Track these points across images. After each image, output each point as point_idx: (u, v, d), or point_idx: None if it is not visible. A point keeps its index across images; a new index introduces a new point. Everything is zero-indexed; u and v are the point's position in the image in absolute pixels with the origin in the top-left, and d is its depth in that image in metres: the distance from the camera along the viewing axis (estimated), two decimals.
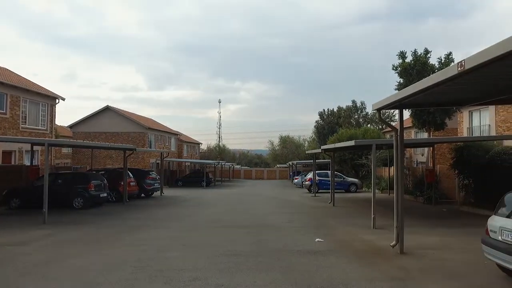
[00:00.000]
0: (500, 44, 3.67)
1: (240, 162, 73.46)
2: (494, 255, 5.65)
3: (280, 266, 6.66)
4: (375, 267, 6.58)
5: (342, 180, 25.99)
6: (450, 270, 6.33)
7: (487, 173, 13.93)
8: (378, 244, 8.41)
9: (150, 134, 37.85)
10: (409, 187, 21.15)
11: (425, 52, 20.95)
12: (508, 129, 20.54)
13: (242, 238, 9.36)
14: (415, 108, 15.74)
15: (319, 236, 9.37)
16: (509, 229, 5.35)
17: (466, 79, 5.12)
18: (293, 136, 63.34)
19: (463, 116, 24.50)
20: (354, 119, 46.66)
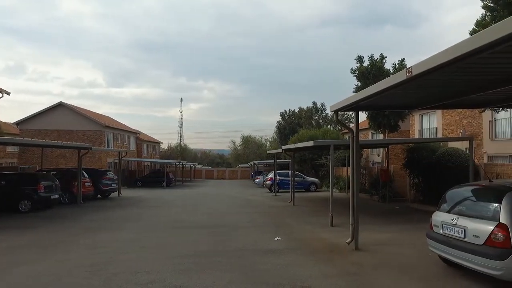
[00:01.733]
0: (442, 54, 3.95)
1: (202, 162, 72.70)
2: (436, 248, 6.07)
3: (239, 265, 6.69)
4: (331, 263, 6.81)
5: (302, 180, 26.55)
6: (399, 264, 6.71)
7: (434, 172, 14.89)
8: (334, 241, 8.70)
9: (108, 132, 36.34)
10: (365, 186, 22.09)
11: (381, 58, 21.93)
12: (452, 132, 22.11)
13: (202, 239, 9.29)
14: (370, 110, 16.45)
15: (279, 235, 9.52)
16: (449, 223, 5.76)
17: (414, 84, 5.45)
18: (255, 136, 63.80)
19: (415, 119, 26.00)
20: (314, 120, 47.86)
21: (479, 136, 20.06)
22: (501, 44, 3.27)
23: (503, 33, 3.08)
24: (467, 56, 3.65)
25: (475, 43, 3.43)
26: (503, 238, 4.89)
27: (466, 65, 4.58)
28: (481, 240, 5.15)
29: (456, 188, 6.45)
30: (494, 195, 5.50)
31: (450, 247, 5.70)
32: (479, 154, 19.78)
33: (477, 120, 20.22)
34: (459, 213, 5.84)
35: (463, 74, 5.34)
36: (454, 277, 5.86)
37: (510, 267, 4.79)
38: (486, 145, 19.64)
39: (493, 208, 5.32)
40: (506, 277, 4.91)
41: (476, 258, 5.18)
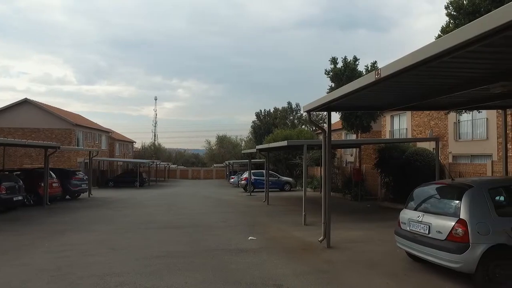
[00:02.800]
0: (407, 57, 4.11)
1: (177, 162, 71.66)
2: (403, 244, 6.30)
3: (212, 265, 6.66)
4: (303, 261, 6.91)
5: (277, 179, 26.75)
6: (369, 260, 6.89)
7: (403, 171, 15.40)
8: (307, 240, 8.83)
9: (78, 131, 35.13)
10: (338, 185, 22.54)
11: (354, 60, 22.46)
12: (421, 133, 22.96)
13: (175, 239, 9.17)
14: (342, 111, 16.80)
15: (252, 234, 9.55)
16: (415, 220, 5.99)
17: (383, 86, 5.63)
18: (230, 136, 63.53)
19: (386, 120, 26.81)
20: (289, 120, 48.31)
21: (445, 137, 20.94)
22: (459, 50, 3.44)
23: (459, 40, 3.24)
24: (429, 60, 3.81)
25: (436, 48, 3.59)
26: (462, 233, 5.14)
27: (430, 68, 4.77)
28: (443, 235, 5.39)
29: (422, 187, 6.72)
30: (456, 192, 5.77)
31: (416, 243, 5.92)
32: (445, 154, 20.65)
33: (443, 122, 21.10)
34: (424, 210, 6.09)
35: (428, 77, 5.57)
36: (419, 272, 6.10)
37: (468, 260, 5.06)
38: (451, 145, 20.54)
39: (454, 205, 5.58)
40: (464, 269, 5.18)
41: (438, 253, 5.42)
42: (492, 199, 5.49)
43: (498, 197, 5.82)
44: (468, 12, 10.45)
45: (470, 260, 5.06)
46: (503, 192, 5.93)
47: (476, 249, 5.04)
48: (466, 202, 5.37)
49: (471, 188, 5.59)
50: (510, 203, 5.90)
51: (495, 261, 5.07)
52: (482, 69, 5.05)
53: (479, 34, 3.07)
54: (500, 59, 4.50)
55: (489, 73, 5.27)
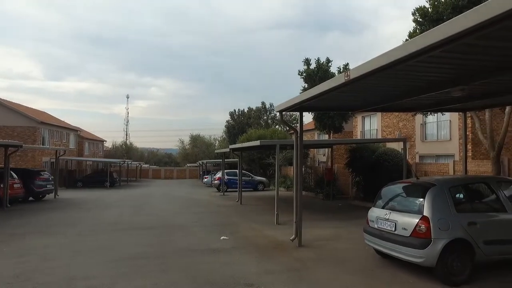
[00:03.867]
0: (375, 60, 4.24)
1: (149, 161, 70.22)
2: (372, 241, 6.50)
3: (183, 266, 6.59)
4: (275, 260, 6.97)
5: (250, 179, 26.80)
6: (339, 257, 7.07)
7: (373, 171, 15.86)
8: (279, 239, 8.91)
9: (44, 129, 33.61)
10: (311, 185, 22.89)
11: (327, 61, 22.85)
12: (390, 134, 23.74)
13: (145, 240, 8.99)
14: (313, 111, 17.07)
15: (225, 234, 9.53)
16: (383, 218, 6.20)
17: (353, 87, 5.78)
18: (204, 136, 63.01)
19: (358, 121, 27.50)
20: (263, 120, 48.53)
21: (412, 137, 21.77)
22: (422, 55, 3.59)
23: (422, 45, 3.39)
24: (395, 63, 3.95)
25: (400, 52, 3.73)
26: (425, 229, 5.38)
27: (396, 71, 4.95)
28: (408, 232, 5.61)
29: (389, 186, 6.95)
30: (420, 191, 6.02)
31: (383, 240, 6.13)
32: (412, 154, 21.46)
33: (411, 123, 21.92)
34: (391, 208, 6.32)
35: (395, 79, 5.77)
36: (386, 267, 6.31)
37: (430, 255, 5.31)
38: (418, 146, 21.38)
39: (418, 203, 5.83)
40: (426, 263, 5.43)
41: (404, 249, 5.64)
42: (452, 197, 5.78)
43: (457, 194, 6.13)
44: (432, 19, 10.89)
45: (431, 254, 5.30)
46: (462, 190, 6.27)
47: (437, 244, 5.29)
48: (429, 200, 5.62)
49: (434, 186, 5.85)
50: (468, 200, 6.23)
51: (453, 255, 5.35)
52: (444, 73, 5.29)
53: (439, 41, 3.22)
54: (459, 64, 4.74)
55: (450, 77, 5.53)
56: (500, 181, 6.57)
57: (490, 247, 5.55)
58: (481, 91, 7.02)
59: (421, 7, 11.63)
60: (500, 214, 5.83)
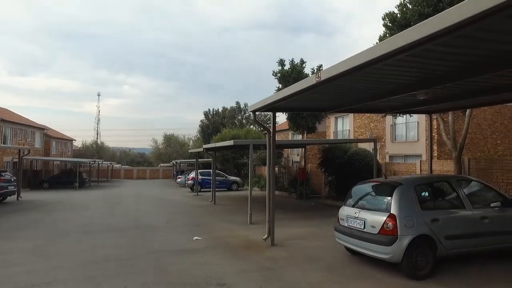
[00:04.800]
0: (344, 62, 4.37)
1: (121, 161, 68.57)
2: (342, 239, 6.68)
3: (154, 267, 6.50)
4: (248, 259, 7.01)
5: (224, 179, 26.74)
6: (310, 255, 7.19)
7: (345, 170, 16.24)
8: (252, 238, 8.96)
9: (6, 127, 31.97)
10: (285, 184, 23.12)
11: (301, 62, 23.14)
12: (362, 134, 24.38)
13: (115, 242, 8.77)
14: (286, 111, 17.27)
15: (198, 234, 9.46)
16: (352, 216, 6.38)
17: (324, 88, 5.91)
18: (178, 135, 62.23)
19: (331, 121, 28.05)
20: (237, 120, 48.49)
21: (383, 138, 22.47)
22: (388, 59, 3.74)
23: (388, 49, 3.54)
24: (363, 66, 4.09)
25: (368, 55, 3.86)
26: (392, 226, 5.59)
27: (365, 74, 5.12)
28: (376, 229, 5.80)
29: (359, 185, 7.16)
30: (387, 189, 6.24)
31: (353, 237, 6.31)
32: (382, 154, 22.15)
33: (382, 124, 22.62)
34: (360, 207, 6.51)
35: (365, 81, 5.95)
36: (355, 264, 6.50)
37: (396, 251, 5.53)
38: (388, 146, 22.10)
39: (386, 201, 6.04)
40: (393, 259, 5.64)
41: (372, 246, 5.84)
42: (417, 195, 6.04)
43: (422, 193, 6.40)
44: (401, 24, 11.29)
45: (398, 250, 5.52)
46: (426, 189, 6.55)
47: (403, 240, 5.51)
48: (396, 198, 5.84)
49: (401, 185, 6.09)
50: (431, 198, 6.52)
51: (417, 250, 5.60)
52: (410, 76, 5.52)
53: (403, 45, 3.37)
54: (423, 68, 4.96)
55: (415, 80, 5.77)
56: (460, 180, 6.93)
57: (451, 242, 5.85)
58: (444, 94, 7.37)
59: (391, 12, 12.03)
60: (460, 210, 6.16)
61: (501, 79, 5.95)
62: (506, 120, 20.77)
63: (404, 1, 11.91)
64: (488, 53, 4.29)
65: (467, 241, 6.04)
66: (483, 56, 4.43)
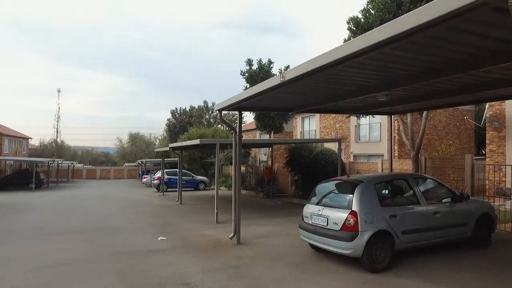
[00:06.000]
0: (307, 63, 4.49)
1: (83, 161, 65.85)
2: (306, 236, 6.83)
3: (117, 269, 6.33)
4: (213, 258, 6.99)
5: (191, 179, 26.45)
6: (276, 253, 7.30)
7: (310, 169, 16.59)
8: (218, 237, 8.95)
9: None
10: (252, 184, 23.22)
11: (268, 62, 23.36)
12: (328, 134, 25.00)
13: (75, 244, 8.43)
14: (252, 111, 17.38)
15: (163, 234, 9.32)
16: (316, 214, 6.55)
17: (288, 88, 6.02)
18: (144, 134, 60.82)
19: (298, 121, 28.52)
20: (205, 119, 48.07)
21: (347, 138, 23.17)
22: (346, 61, 3.90)
23: (347, 52, 3.69)
24: (325, 67, 4.22)
25: (329, 57, 4.00)
26: (353, 222, 5.80)
27: (327, 75, 5.28)
28: (338, 226, 6.00)
29: (323, 183, 7.35)
30: (349, 187, 6.46)
31: (316, 234, 6.48)
32: (347, 153, 22.85)
33: (347, 125, 23.33)
34: (324, 204, 6.70)
35: (327, 82, 6.13)
36: (319, 260, 6.67)
37: (357, 246, 5.76)
38: (353, 146, 22.83)
39: (348, 198, 6.25)
40: (354, 254, 5.87)
41: (334, 242, 6.03)
42: (377, 192, 6.31)
43: (382, 190, 6.70)
44: (364, 28, 11.73)
45: (358, 246, 5.74)
46: (385, 186, 6.86)
47: (363, 236, 5.75)
48: (357, 196, 6.07)
49: (361, 183, 6.33)
50: (390, 195, 6.83)
51: (376, 245, 5.85)
52: (370, 79, 5.76)
53: (361, 49, 3.52)
54: (382, 71, 5.20)
55: (376, 82, 6.03)
56: (416, 177, 7.32)
57: (407, 236, 6.17)
58: (403, 96, 7.75)
59: (355, 17, 12.47)
60: (415, 206, 6.51)
61: (452, 84, 6.35)
62: (458, 122, 22.14)
63: (367, 6, 12.39)
64: (437, 59, 4.58)
65: (422, 234, 6.39)
66: (434, 62, 4.72)
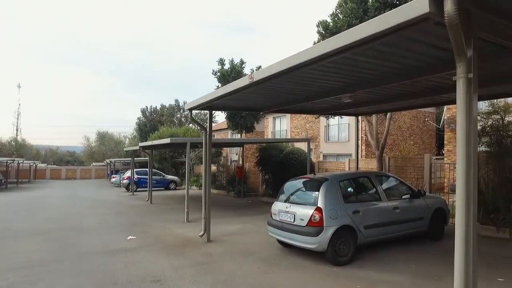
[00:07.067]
0: (275, 65, 4.69)
1: (47, 160, 63.11)
2: (274, 233, 7.06)
3: (86, 269, 6.25)
4: (183, 256, 7.07)
5: (161, 178, 26.13)
6: (245, 250, 7.48)
7: (280, 169, 16.89)
8: (188, 235, 9.00)
9: None
10: (223, 183, 23.29)
11: (240, 62, 23.51)
12: (298, 134, 25.50)
13: (41, 246, 8.18)
14: (223, 110, 17.48)
15: (132, 234, 9.24)
16: (284, 210, 6.79)
17: (257, 89, 6.21)
18: (113, 133, 59.14)
19: (269, 121, 28.86)
20: (176, 118, 47.54)
21: (317, 138, 23.76)
22: (311, 64, 4.13)
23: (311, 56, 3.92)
24: (291, 69, 4.43)
25: (295, 60, 4.21)
26: (319, 218, 6.08)
27: (294, 77, 5.51)
28: (305, 222, 6.26)
29: (290, 181, 7.61)
30: (315, 185, 6.75)
31: (284, 230, 6.71)
32: (317, 153, 23.43)
33: (317, 125, 23.90)
34: (291, 201, 6.95)
35: (296, 84, 6.37)
36: (287, 255, 6.92)
37: (322, 241, 6.04)
38: (322, 146, 23.43)
39: (314, 195, 6.53)
40: (319, 248, 6.15)
41: (301, 237, 6.28)
42: (341, 189, 6.63)
43: (346, 188, 7.04)
44: (332, 32, 12.15)
45: (323, 240, 6.02)
46: (349, 184, 7.21)
47: (328, 231, 6.03)
48: (322, 193, 6.36)
49: (327, 181, 6.63)
50: (354, 192, 7.19)
51: (340, 239, 6.16)
52: (335, 81, 6.05)
53: (325, 53, 3.76)
54: (346, 74, 5.50)
55: (341, 85, 6.33)
56: (378, 175, 7.75)
57: (369, 231, 6.53)
58: (367, 99, 8.15)
59: (324, 21, 12.87)
60: (377, 202, 6.90)
61: (411, 88, 6.79)
62: (421, 124, 23.31)
63: (336, 11, 12.83)
64: (395, 65, 4.93)
65: (383, 229, 6.79)
66: (393, 67, 5.07)
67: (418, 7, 2.64)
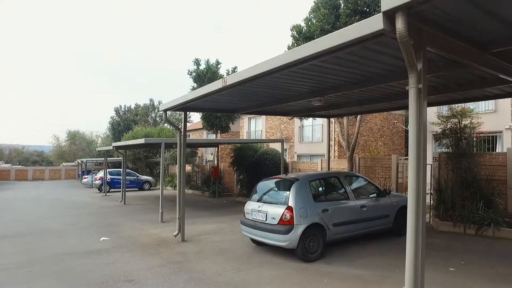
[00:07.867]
0: (247, 70, 4.90)
1: (12, 160, 60.50)
2: (247, 231, 7.27)
3: (57, 271, 6.21)
4: (157, 256, 7.14)
5: (135, 178, 25.78)
6: (219, 249, 7.63)
7: (255, 169, 17.14)
8: (163, 235, 9.05)
9: None
10: (198, 183, 23.27)
11: (216, 63, 23.56)
12: (273, 135, 25.85)
13: (9, 249, 7.98)
14: (197, 111, 17.51)
15: (106, 235, 9.19)
16: (256, 210, 7.01)
17: (231, 92, 6.39)
18: (84, 132, 57.41)
19: (244, 121, 29.06)
20: (151, 118, 46.88)
21: (292, 139, 24.18)
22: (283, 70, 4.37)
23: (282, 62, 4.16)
24: (262, 75, 4.65)
25: (266, 66, 4.44)
26: (289, 217, 6.34)
27: (266, 81, 5.74)
28: (276, 220, 6.50)
29: (263, 181, 7.84)
30: (286, 185, 7.01)
31: (256, 229, 6.93)
32: (291, 153, 23.85)
33: (291, 126, 24.32)
34: (263, 201, 7.17)
35: (268, 87, 6.61)
36: (259, 253, 7.14)
37: (292, 238, 6.31)
38: (297, 146, 23.88)
39: (285, 195, 6.79)
40: (290, 246, 6.42)
41: (272, 235, 6.52)
42: (311, 189, 6.92)
43: (316, 187, 7.35)
44: (306, 36, 12.52)
45: (293, 238, 6.29)
46: (319, 184, 7.53)
47: (298, 229, 6.30)
48: (293, 192, 6.63)
49: (297, 181, 6.90)
50: (324, 192, 7.51)
51: (310, 237, 6.45)
52: (305, 86, 6.34)
53: (294, 60, 4.00)
54: (315, 80, 5.79)
55: (312, 89, 6.63)
56: (347, 175, 8.12)
57: (337, 228, 6.86)
58: (337, 102, 8.52)
59: (297, 25, 13.22)
60: (345, 201, 7.25)
61: (377, 92, 7.19)
62: (391, 126, 24.23)
63: (310, 16, 13.21)
64: (360, 72, 5.27)
65: (350, 226, 7.15)
66: (358, 74, 5.41)
67: (373, 24, 2.92)
